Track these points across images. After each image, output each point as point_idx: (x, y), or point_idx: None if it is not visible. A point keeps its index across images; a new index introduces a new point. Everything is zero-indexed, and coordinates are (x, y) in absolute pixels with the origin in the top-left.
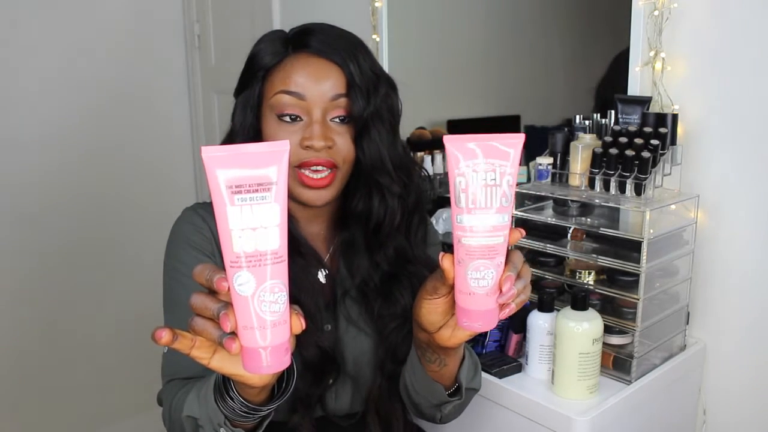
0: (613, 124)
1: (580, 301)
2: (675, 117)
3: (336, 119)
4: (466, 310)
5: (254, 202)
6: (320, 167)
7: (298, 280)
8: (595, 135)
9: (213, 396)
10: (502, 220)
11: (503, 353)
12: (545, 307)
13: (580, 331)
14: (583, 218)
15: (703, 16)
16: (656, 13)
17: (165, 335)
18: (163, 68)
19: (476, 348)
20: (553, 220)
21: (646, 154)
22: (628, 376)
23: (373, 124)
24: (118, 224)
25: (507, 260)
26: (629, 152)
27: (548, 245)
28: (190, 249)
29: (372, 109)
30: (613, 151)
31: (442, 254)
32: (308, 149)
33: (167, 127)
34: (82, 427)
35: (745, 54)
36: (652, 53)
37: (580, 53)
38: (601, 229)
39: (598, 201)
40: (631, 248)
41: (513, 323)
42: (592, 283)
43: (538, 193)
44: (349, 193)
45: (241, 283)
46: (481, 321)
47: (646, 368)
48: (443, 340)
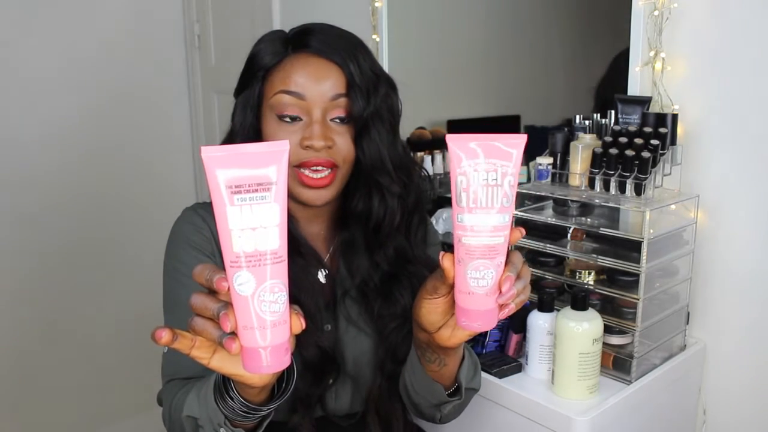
0: (613, 124)
1: (580, 301)
2: (675, 117)
3: (336, 119)
4: (466, 309)
5: (254, 202)
6: (320, 167)
7: (298, 280)
8: (595, 135)
9: (213, 396)
10: (503, 221)
11: (503, 353)
12: (545, 307)
13: (580, 331)
14: (583, 218)
15: (703, 16)
16: (656, 13)
17: (165, 335)
18: (163, 68)
19: (476, 348)
20: (553, 220)
21: (646, 154)
22: (628, 376)
23: (373, 124)
24: (118, 224)
25: (507, 260)
26: (629, 152)
27: (548, 245)
28: (190, 249)
29: (372, 109)
30: (613, 151)
31: (442, 253)
32: (308, 149)
33: (167, 127)
34: (82, 427)
35: (745, 54)
36: (652, 53)
37: (580, 53)
38: (601, 229)
39: (598, 201)
40: (631, 248)
41: (513, 323)
42: (592, 283)
43: (538, 193)
44: (349, 193)
45: (241, 283)
46: (480, 321)
47: (646, 368)
48: (443, 340)
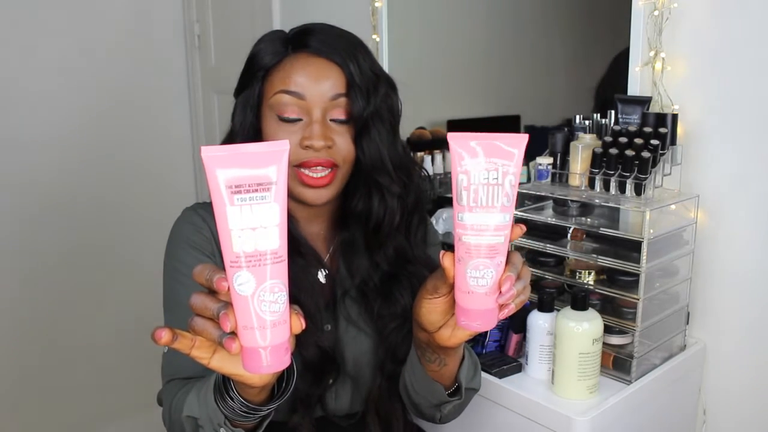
0: (613, 124)
1: (580, 301)
2: (675, 117)
3: (336, 119)
4: (465, 309)
5: (254, 202)
6: (320, 167)
7: (298, 280)
8: (595, 135)
9: (213, 396)
10: (503, 220)
11: (503, 353)
12: (545, 307)
13: (580, 331)
14: (583, 218)
15: (703, 16)
16: (656, 13)
17: (165, 335)
18: (163, 68)
19: (476, 348)
20: (553, 220)
21: (646, 154)
22: (628, 376)
23: (373, 123)
24: (118, 224)
25: (507, 261)
26: (629, 152)
27: (548, 245)
28: (190, 249)
29: (372, 109)
30: (613, 151)
31: (443, 252)
32: (308, 149)
33: (167, 127)
34: (82, 427)
35: (745, 54)
36: (652, 53)
37: (580, 53)
38: (601, 229)
39: (598, 201)
40: (631, 248)
41: (513, 323)
42: (592, 283)
43: (538, 193)
44: (349, 192)
45: (241, 283)
46: (479, 320)
47: (646, 368)
48: (443, 339)
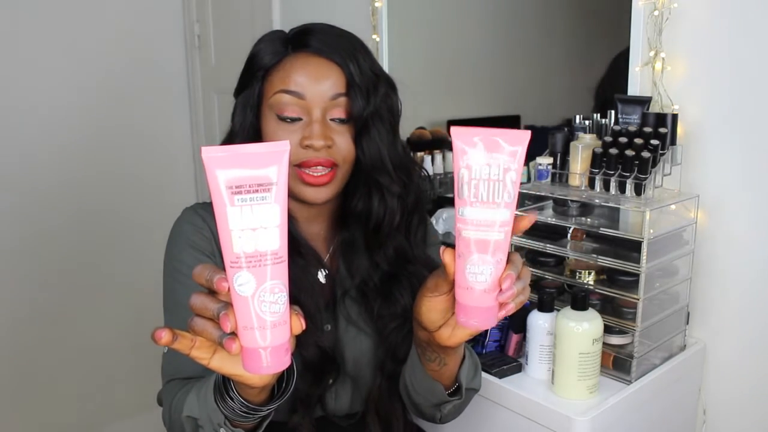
0: (613, 124)
1: (580, 301)
2: (675, 117)
3: (336, 119)
4: (464, 306)
5: (254, 203)
6: (320, 167)
7: (298, 281)
8: (595, 135)
9: (213, 396)
10: (504, 216)
11: (503, 353)
12: (545, 307)
13: (580, 331)
14: (583, 218)
15: (703, 16)
16: (656, 13)
17: (165, 335)
18: (163, 68)
19: (476, 348)
20: (553, 220)
21: (646, 154)
22: (628, 376)
23: (373, 123)
24: (118, 224)
25: (507, 260)
26: (629, 152)
27: (548, 245)
28: (190, 249)
29: (372, 109)
30: (613, 151)
31: (444, 248)
32: (308, 149)
33: (167, 127)
34: (82, 427)
35: (745, 54)
36: (652, 53)
37: (580, 53)
38: (601, 229)
39: (598, 201)
40: (631, 248)
41: (513, 323)
42: (592, 283)
43: (538, 193)
44: (349, 192)
45: (241, 284)
46: (478, 318)
47: (646, 368)
48: (443, 339)
